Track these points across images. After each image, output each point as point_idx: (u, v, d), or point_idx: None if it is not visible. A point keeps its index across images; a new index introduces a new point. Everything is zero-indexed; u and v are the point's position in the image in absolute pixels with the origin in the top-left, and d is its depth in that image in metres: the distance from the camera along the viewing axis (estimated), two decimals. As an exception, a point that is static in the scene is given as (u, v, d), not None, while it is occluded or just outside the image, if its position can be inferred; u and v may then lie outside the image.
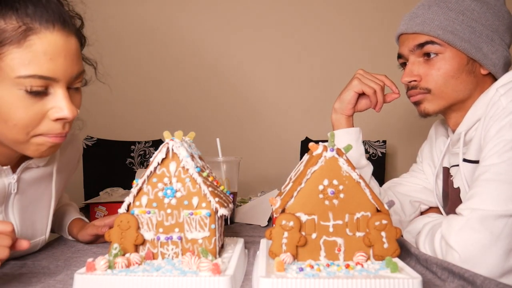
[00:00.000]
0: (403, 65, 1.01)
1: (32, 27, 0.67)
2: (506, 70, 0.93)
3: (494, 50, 0.91)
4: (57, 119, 0.72)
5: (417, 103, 0.97)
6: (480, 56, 0.91)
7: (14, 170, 0.82)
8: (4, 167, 0.79)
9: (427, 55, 0.94)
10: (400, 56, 1.00)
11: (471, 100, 0.93)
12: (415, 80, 0.95)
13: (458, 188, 0.94)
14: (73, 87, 0.75)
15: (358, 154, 1.09)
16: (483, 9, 0.91)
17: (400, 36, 1.00)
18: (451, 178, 0.98)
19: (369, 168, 1.10)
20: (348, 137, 1.09)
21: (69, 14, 0.74)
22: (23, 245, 0.66)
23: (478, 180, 0.79)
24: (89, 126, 0.93)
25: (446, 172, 1.03)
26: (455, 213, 0.81)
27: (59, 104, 0.71)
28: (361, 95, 1.09)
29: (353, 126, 1.11)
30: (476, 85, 0.92)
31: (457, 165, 0.96)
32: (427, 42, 0.93)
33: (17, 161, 0.83)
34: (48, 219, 0.92)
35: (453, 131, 0.98)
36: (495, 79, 0.93)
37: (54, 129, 0.73)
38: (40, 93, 0.70)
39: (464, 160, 0.91)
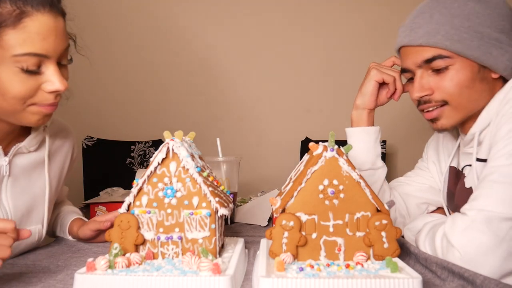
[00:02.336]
0: (411, 79, 0.95)
1: (25, 10, 0.73)
2: None
3: (503, 52, 0.86)
4: (51, 92, 0.79)
5: (433, 120, 0.92)
6: (491, 62, 0.86)
7: (5, 153, 0.86)
8: None
9: (437, 70, 0.88)
10: (405, 70, 0.94)
11: (485, 106, 0.89)
12: (427, 94, 0.90)
13: (471, 188, 0.91)
14: (62, 63, 0.81)
15: (374, 155, 1.07)
16: (488, 10, 0.85)
17: (402, 49, 0.93)
18: (464, 179, 0.95)
19: (384, 169, 1.08)
20: (367, 137, 1.06)
21: None
22: (25, 234, 0.68)
23: (485, 180, 0.78)
24: (89, 126, 0.94)
25: (453, 172, 1.00)
26: (459, 212, 0.80)
27: (51, 78, 0.78)
28: (380, 86, 1.07)
29: (373, 124, 1.09)
30: (489, 91, 0.88)
31: (470, 165, 0.92)
32: (435, 58, 0.87)
33: (8, 143, 0.87)
34: (44, 208, 0.94)
35: (465, 133, 0.94)
36: (505, 80, 0.89)
37: (47, 99, 0.80)
38: (34, 72, 0.76)
39: (477, 159, 0.88)
